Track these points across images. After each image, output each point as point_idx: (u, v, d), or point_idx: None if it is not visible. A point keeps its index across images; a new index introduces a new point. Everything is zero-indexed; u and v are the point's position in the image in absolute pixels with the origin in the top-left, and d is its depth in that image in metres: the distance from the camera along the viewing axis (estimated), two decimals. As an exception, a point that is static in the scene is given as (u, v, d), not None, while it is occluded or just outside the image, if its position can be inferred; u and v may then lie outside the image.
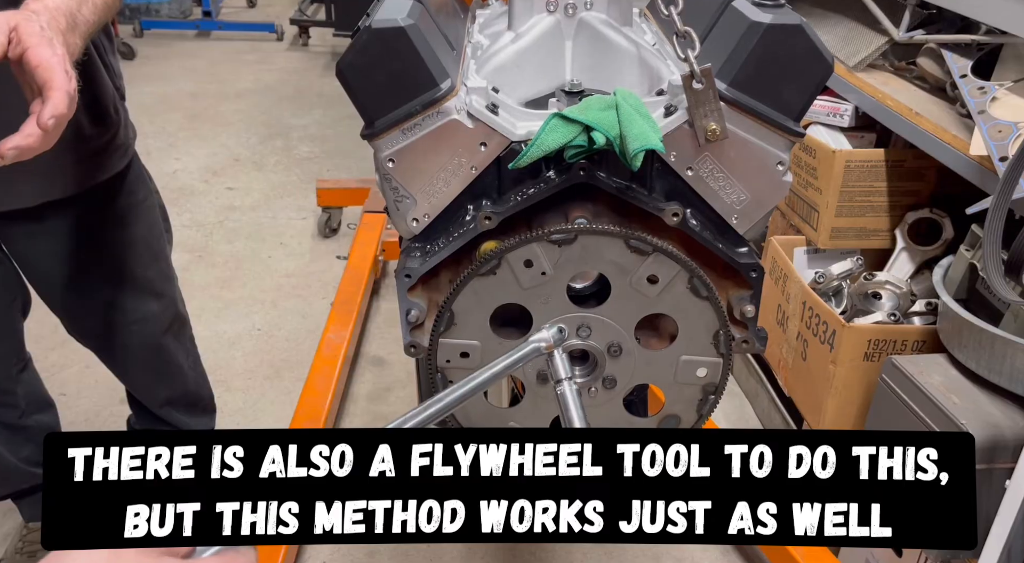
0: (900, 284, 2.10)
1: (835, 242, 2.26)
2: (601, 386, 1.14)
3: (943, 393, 1.64)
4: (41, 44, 1.03)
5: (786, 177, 1.08)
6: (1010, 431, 1.55)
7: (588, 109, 1.01)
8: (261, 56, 5.97)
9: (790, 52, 1.02)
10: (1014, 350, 1.57)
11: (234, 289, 3.23)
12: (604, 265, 1.07)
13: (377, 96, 1.04)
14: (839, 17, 2.43)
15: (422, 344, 1.13)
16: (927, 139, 1.89)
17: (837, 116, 2.33)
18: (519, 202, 1.05)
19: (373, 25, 1.01)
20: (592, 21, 1.20)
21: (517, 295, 1.09)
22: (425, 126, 1.04)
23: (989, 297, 1.80)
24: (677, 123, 1.03)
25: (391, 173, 1.07)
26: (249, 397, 2.66)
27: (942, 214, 2.17)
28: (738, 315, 1.12)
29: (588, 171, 1.04)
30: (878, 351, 1.93)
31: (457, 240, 1.08)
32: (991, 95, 1.81)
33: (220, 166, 4.22)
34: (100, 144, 1.56)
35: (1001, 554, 1.44)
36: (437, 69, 1.03)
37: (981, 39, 1.98)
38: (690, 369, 1.14)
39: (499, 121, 1.04)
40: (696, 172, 1.06)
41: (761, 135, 1.04)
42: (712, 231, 1.09)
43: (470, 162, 1.06)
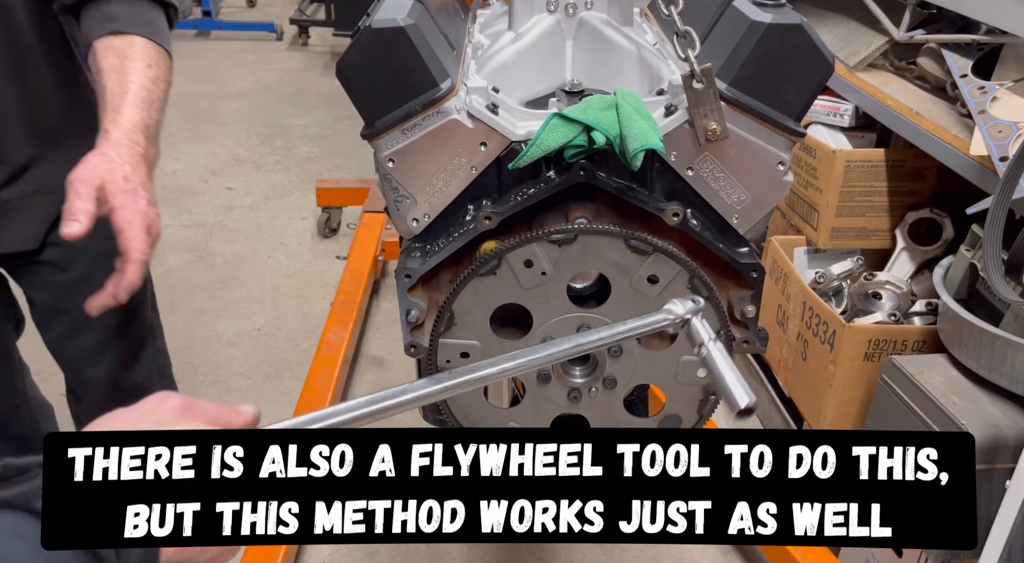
0: (900, 284, 2.10)
1: (835, 242, 2.26)
2: (601, 386, 1.14)
3: (943, 393, 1.64)
4: (125, 204, 1.08)
5: (787, 177, 1.07)
6: (1010, 431, 1.55)
7: (588, 109, 1.01)
8: (261, 56, 5.97)
9: (791, 52, 1.01)
10: (1014, 350, 1.57)
11: (234, 289, 3.22)
12: (604, 265, 1.07)
13: (377, 96, 1.04)
14: (839, 17, 2.43)
15: (422, 344, 1.13)
16: (927, 139, 1.89)
17: (837, 116, 2.32)
18: (519, 202, 1.05)
19: (373, 25, 1.00)
20: (592, 21, 1.20)
21: (517, 295, 1.08)
22: (425, 126, 1.04)
23: (989, 297, 1.80)
24: (677, 123, 1.03)
25: (391, 173, 1.07)
26: (249, 397, 2.66)
27: (942, 214, 2.16)
28: (739, 315, 1.12)
29: (588, 171, 1.04)
30: (878, 351, 1.93)
31: (457, 240, 1.08)
32: (991, 95, 1.81)
33: (220, 166, 4.22)
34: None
35: (1001, 554, 1.44)
36: (437, 69, 1.03)
37: (981, 39, 1.98)
38: (691, 369, 1.14)
39: (499, 121, 1.04)
40: (696, 172, 1.06)
41: (762, 135, 1.04)
42: (713, 231, 1.09)
43: (470, 162, 1.06)
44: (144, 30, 1.24)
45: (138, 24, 1.24)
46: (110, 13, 1.23)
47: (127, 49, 1.22)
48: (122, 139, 1.14)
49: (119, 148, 1.13)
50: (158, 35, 1.26)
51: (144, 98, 1.19)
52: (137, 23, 1.24)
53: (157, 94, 1.22)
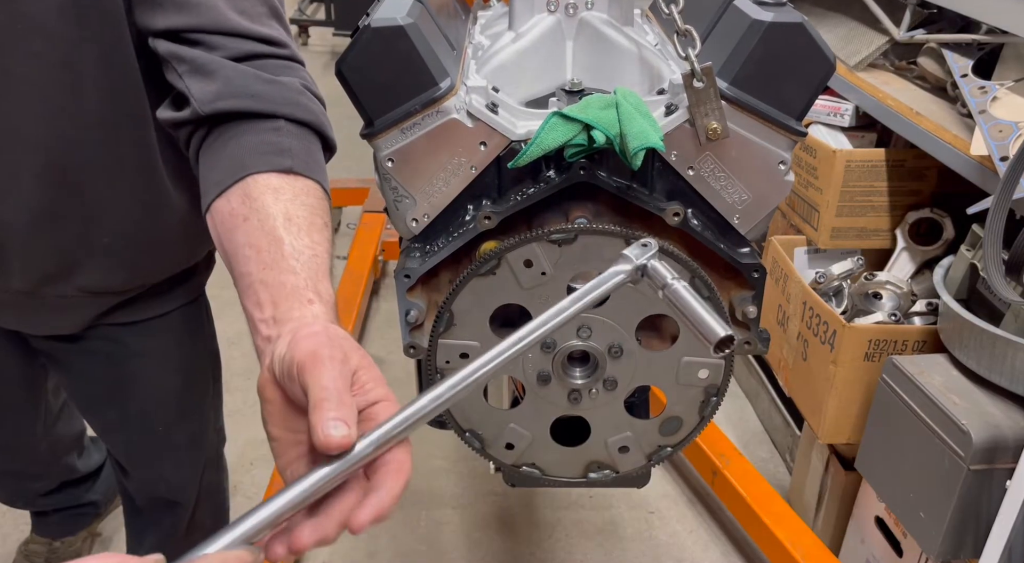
0: (901, 284, 2.10)
1: (835, 242, 2.26)
2: (602, 387, 1.14)
3: (944, 393, 1.64)
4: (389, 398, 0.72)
5: (788, 177, 1.07)
6: (1010, 431, 1.55)
7: (588, 108, 1.00)
8: (260, 56, 5.96)
9: (791, 51, 1.01)
10: (1015, 350, 1.57)
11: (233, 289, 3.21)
12: (605, 265, 1.06)
13: (376, 95, 1.04)
14: (840, 16, 2.42)
15: (421, 345, 1.13)
16: (928, 139, 1.88)
17: (838, 116, 2.32)
18: (519, 202, 1.05)
19: (372, 24, 1.00)
20: (593, 21, 1.20)
21: (517, 295, 1.08)
22: (424, 125, 1.03)
23: (990, 297, 1.79)
24: (678, 122, 1.03)
25: (390, 173, 1.06)
26: (249, 397, 2.66)
27: (943, 214, 2.16)
28: (740, 316, 1.12)
29: (588, 170, 1.03)
30: (879, 351, 1.92)
31: (457, 240, 1.08)
32: (992, 95, 1.80)
33: (219, 166, 4.20)
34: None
35: (1001, 554, 1.44)
36: (437, 68, 1.03)
37: (982, 39, 1.97)
38: (692, 370, 1.13)
39: (499, 120, 1.04)
40: (697, 171, 1.06)
41: (763, 134, 1.04)
42: (713, 231, 1.09)
43: (470, 161, 1.06)
44: (318, 176, 0.93)
45: (312, 168, 0.93)
46: (281, 145, 0.91)
47: (307, 197, 0.89)
48: (333, 318, 0.80)
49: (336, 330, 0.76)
50: (326, 183, 0.94)
51: (326, 267, 0.86)
52: (311, 166, 0.93)
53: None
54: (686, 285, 0.77)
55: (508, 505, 2.36)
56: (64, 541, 2.00)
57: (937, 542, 1.62)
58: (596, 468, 1.22)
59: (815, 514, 2.19)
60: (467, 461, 2.47)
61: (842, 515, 2.09)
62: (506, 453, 1.20)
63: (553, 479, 1.23)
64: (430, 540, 2.24)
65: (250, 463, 2.46)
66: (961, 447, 1.55)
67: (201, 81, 0.93)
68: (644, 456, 1.21)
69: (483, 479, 2.42)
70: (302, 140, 0.94)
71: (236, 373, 2.75)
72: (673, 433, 1.19)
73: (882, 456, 1.82)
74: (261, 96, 0.93)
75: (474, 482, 2.43)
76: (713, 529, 2.30)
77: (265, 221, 0.85)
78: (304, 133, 0.95)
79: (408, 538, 2.24)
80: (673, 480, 2.46)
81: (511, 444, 1.19)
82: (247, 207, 0.86)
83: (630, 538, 2.26)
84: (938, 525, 1.62)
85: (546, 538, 2.25)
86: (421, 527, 2.28)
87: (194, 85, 0.93)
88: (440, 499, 2.37)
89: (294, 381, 0.68)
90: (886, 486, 1.82)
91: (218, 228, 0.90)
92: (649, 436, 1.19)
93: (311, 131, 0.96)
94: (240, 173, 0.88)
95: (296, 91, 0.97)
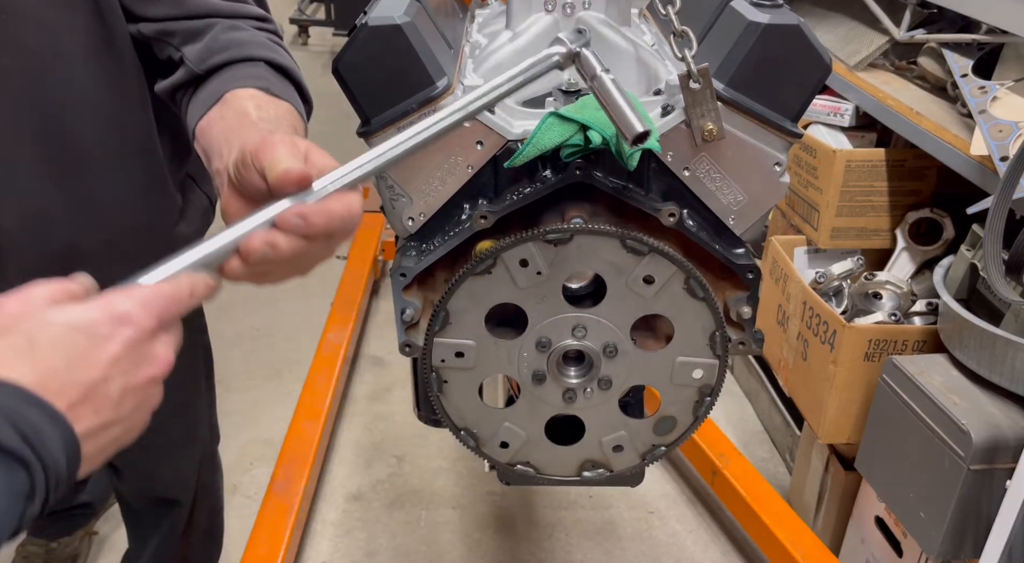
0: (901, 284, 2.10)
1: (835, 242, 2.26)
2: (597, 387, 1.14)
3: (944, 393, 1.64)
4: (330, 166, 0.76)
5: (783, 178, 1.07)
6: (1010, 431, 1.54)
7: (584, 108, 1.00)
8: (263, 55, 5.97)
9: (788, 52, 1.01)
10: (1015, 350, 1.57)
11: (234, 289, 3.21)
12: (600, 265, 1.07)
13: (373, 94, 1.04)
14: (840, 17, 2.42)
15: (417, 343, 1.13)
16: (928, 139, 1.88)
17: (838, 116, 2.32)
18: (515, 201, 1.05)
19: (370, 23, 1.00)
20: (590, 20, 1.20)
21: (513, 295, 1.08)
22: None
23: (990, 297, 1.79)
24: (674, 123, 1.03)
25: (387, 171, 1.07)
26: (248, 397, 2.66)
27: (943, 214, 2.16)
28: (735, 316, 1.12)
29: (584, 170, 1.03)
30: (879, 351, 1.92)
31: (453, 239, 1.08)
32: (992, 94, 1.80)
33: (221, 165, 4.21)
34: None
35: (1001, 554, 1.43)
36: (433, 67, 1.03)
37: (982, 38, 1.97)
38: (686, 371, 1.13)
39: (495, 120, 1.04)
40: (693, 172, 1.06)
41: (758, 135, 1.04)
42: (709, 232, 1.09)
43: (466, 161, 1.06)
44: (295, 103, 1.02)
45: (289, 96, 1.02)
46: (260, 75, 1.00)
47: (280, 109, 0.96)
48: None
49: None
50: (302, 110, 1.03)
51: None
52: (288, 95, 1.02)
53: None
54: (614, 78, 0.78)
55: (507, 505, 2.36)
56: (61, 542, 2.00)
57: (937, 542, 1.62)
58: (590, 467, 1.22)
59: (815, 514, 2.19)
60: (466, 461, 2.48)
61: (842, 515, 2.09)
62: (501, 452, 1.20)
63: (547, 477, 1.23)
64: (430, 540, 2.24)
65: (250, 463, 2.47)
66: (961, 447, 1.55)
67: (192, 45, 1.04)
68: (638, 455, 1.21)
69: (483, 479, 2.42)
70: (280, 79, 1.04)
71: (236, 373, 2.75)
72: (667, 433, 1.19)
73: (882, 456, 1.82)
74: (244, 44, 1.04)
75: (473, 482, 2.43)
76: (713, 529, 2.30)
77: (239, 112, 0.92)
78: (282, 77, 1.05)
79: (408, 538, 2.24)
80: (673, 480, 2.45)
81: (506, 443, 1.19)
82: (222, 111, 0.94)
83: (629, 538, 2.26)
84: (938, 525, 1.61)
85: (545, 538, 2.25)
86: (421, 527, 2.28)
87: (187, 50, 1.04)
88: (439, 499, 2.37)
89: (250, 168, 0.72)
90: (886, 486, 1.82)
91: (200, 141, 0.94)
92: (643, 435, 1.19)
93: (288, 81, 1.06)
94: (221, 92, 0.97)
95: (275, 43, 1.08)
